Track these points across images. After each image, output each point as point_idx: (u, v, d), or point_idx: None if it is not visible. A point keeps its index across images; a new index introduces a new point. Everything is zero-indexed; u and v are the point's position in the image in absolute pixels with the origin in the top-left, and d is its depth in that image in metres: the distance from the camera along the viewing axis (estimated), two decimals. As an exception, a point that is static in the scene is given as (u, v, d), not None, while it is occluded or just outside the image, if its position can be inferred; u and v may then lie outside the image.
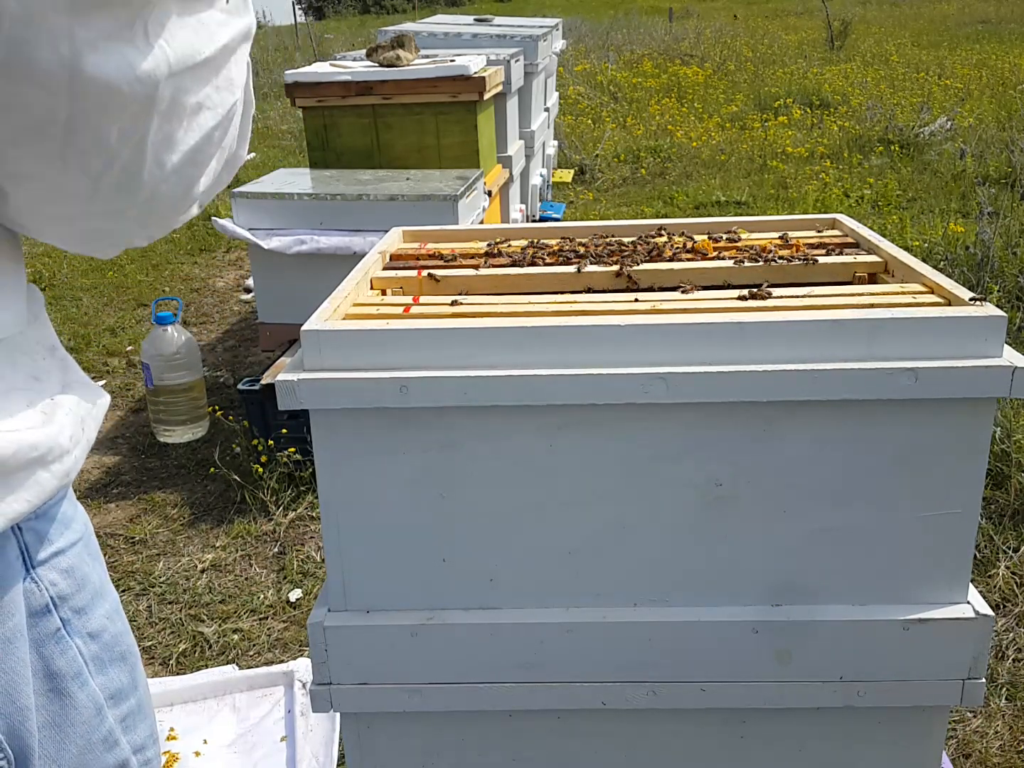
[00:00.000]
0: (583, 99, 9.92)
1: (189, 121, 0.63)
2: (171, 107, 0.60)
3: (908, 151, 7.17)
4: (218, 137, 0.67)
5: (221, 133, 0.67)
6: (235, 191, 3.11)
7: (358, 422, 1.11)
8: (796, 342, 1.07)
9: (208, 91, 0.63)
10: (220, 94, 0.65)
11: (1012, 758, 1.88)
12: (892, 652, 1.17)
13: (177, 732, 1.98)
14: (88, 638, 0.71)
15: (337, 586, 1.19)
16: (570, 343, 1.08)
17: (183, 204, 0.69)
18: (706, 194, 6.50)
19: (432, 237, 1.57)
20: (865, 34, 15.23)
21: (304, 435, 2.86)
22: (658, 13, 19.71)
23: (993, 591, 2.33)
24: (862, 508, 1.13)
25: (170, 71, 0.59)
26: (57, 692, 0.68)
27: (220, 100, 0.65)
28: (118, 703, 0.74)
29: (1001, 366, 1.05)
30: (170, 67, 0.59)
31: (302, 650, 2.25)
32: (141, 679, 0.79)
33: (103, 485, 3.08)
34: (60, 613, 0.68)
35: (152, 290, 5.00)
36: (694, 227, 1.53)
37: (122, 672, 0.75)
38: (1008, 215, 4.59)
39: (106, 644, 0.73)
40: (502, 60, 4.08)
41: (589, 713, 1.23)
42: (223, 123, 0.66)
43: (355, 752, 1.28)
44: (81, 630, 0.70)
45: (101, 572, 0.75)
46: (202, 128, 0.64)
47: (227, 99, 0.66)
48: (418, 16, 15.30)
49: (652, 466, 1.12)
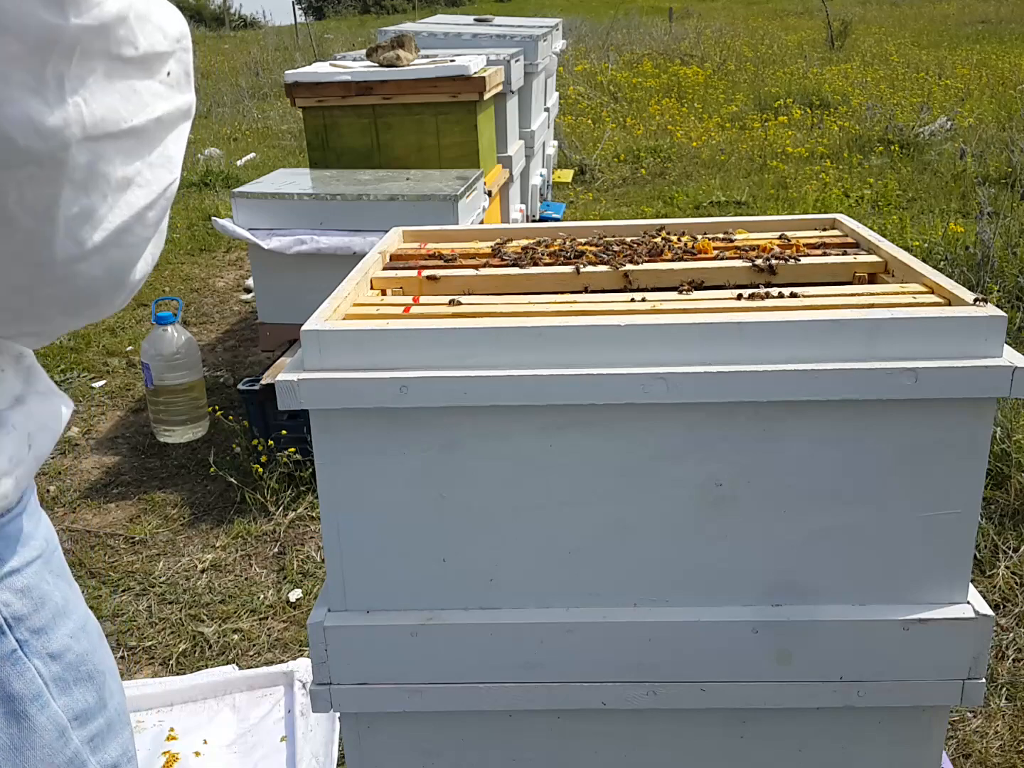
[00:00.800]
0: (583, 99, 9.92)
1: (115, 197, 0.58)
2: (89, 177, 0.55)
3: (908, 151, 7.17)
4: (152, 218, 0.62)
5: (156, 214, 0.62)
6: (235, 191, 3.11)
7: (358, 422, 1.11)
8: (796, 342, 1.07)
9: (139, 166, 0.59)
10: (154, 171, 0.60)
11: (1012, 758, 1.88)
12: (892, 652, 1.17)
13: (177, 732, 1.98)
14: (48, 659, 0.68)
15: (337, 586, 1.19)
16: (570, 343, 1.08)
17: (114, 292, 0.62)
18: (706, 194, 6.50)
19: (432, 237, 1.57)
20: (865, 34, 15.23)
21: (304, 435, 2.86)
22: (658, 13, 19.71)
23: (993, 591, 2.33)
24: (862, 508, 1.13)
25: (84, 134, 0.54)
26: (15, 715, 0.66)
27: (154, 177, 0.60)
28: (84, 724, 0.72)
29: (1001, 366, 1.05)
30: (84, 129, 0.54)
31: (302, 650, 2.25)
32: (113, 696, 0.76)
33: (103, 485, 3.08)
34: (16, 634, 0.66)
35: (152, 290, 5.00)
36: (694, 227, 1.53)
37: (88, 692, 0.72)
38: (1008, 215, 4.59)
39: (70, 664, 0.71)
40: (502, 60, 4.08)
41: (589, 713, 1.23)
42: (158, 202, 0.61)
43: (355, 752, 1.28)
44: (40, 651, 0.68)
45: (66, 589, 0.72)
46: (131, 207, 0.59)
47: (162, 177, 0.61)
48: (418, 16, 15.31)
49: (652, 466, 1.12)
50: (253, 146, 8.88)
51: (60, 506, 2.96)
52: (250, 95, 11.82)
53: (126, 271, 0.62)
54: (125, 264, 0.61)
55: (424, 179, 3.25)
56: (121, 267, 0.61)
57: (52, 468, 3.19)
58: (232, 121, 10.33)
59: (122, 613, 2.43)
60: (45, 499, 2.99)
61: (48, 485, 3.08)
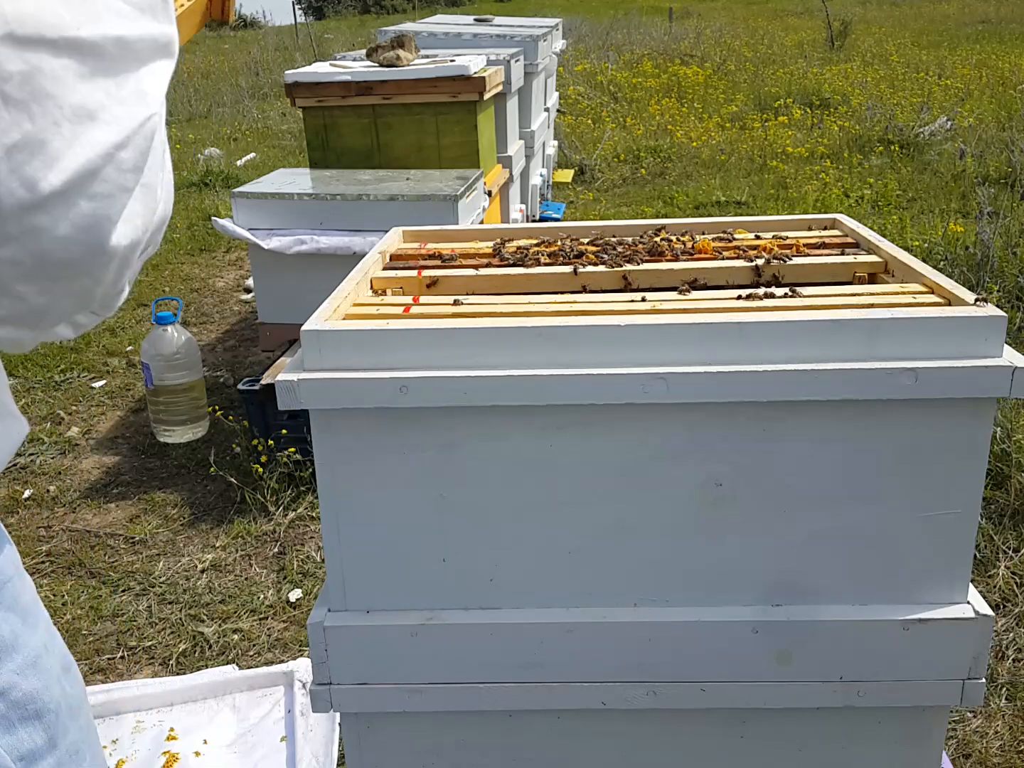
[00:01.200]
0: (583, 99, 9.92)
1: (73, 130, 0.49)
2: (29, 95, 0.47)
3: (908, 151, 7.17)
4: (128, 161, 0.52)
5: (133, 156, 0.52)
6: (235, 191, 3.11)
7: (358, 422, 1.11)
8: (796, 342, 1.07)
9: (102, 97, 0.51)
10: (125, 107, 0.52)
11: (1012, 758, 1.88)
12: (892, 652, 1.17)
13: (177, 732, 1.98)
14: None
15: (337, 586, 1.19)
16: (570, 343, 1.08)
17: (93, 259, 0.53)
18: (706, 194, 6.50)
19: (432, 237, 1.57)
20: (865, 34, 15.23)
21: (304, 435, 2.86)
22: (658, 13, 19.71)
23: (993, 591, 2.33)
24: (862, 508, 1.13)
25: (7, 29, 0.46)
26: None
27: (125, 113, 0.52)
28: (31, 763, 0.69)
29: (1001, 366, 1.05)
30: (5, 22, 0.46)
31: (302, 650, 2.25)
32: (67, 734, 0.73)
33: (103, 485, 3.08)
34: None
35: (152, 290, 5.00)
36: (694, 227, 1.53)
37: (35, 731, 0.69)
38: (1008, 215, 4.59)
39: (15, 702, 0.67)
40: (502, 60, 4.08)
41: (589, 713, 1.23)
42: (132, 140, 0.52)
43: (355, 752, 1.28)
44: None
45: (16, 623, 0.69)
46: (95, 145, 0.50)
47: (135, 112, 0.52)
48: (418, 16, 15.30)
49: (652, 466, 1.12)
50: (253, 146, 8.88)
51: (60, 506, 2.96)
52: (250, 95, 11.82)
53: (103, 231, 0.52)
54: (100, 220, 0.52)
55: (424, 179, 3.25)
56: (95, 224, 0.51)
57: (52, 468, 3.19)
58: (232, 121, 10.33)
59: (122, 613, 2.43)
60: (45, 499, 2.99)
61: (48, 485, 3.08)
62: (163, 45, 0.55)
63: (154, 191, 0.56)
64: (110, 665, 2.25)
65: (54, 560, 2.68)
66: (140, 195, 0.54)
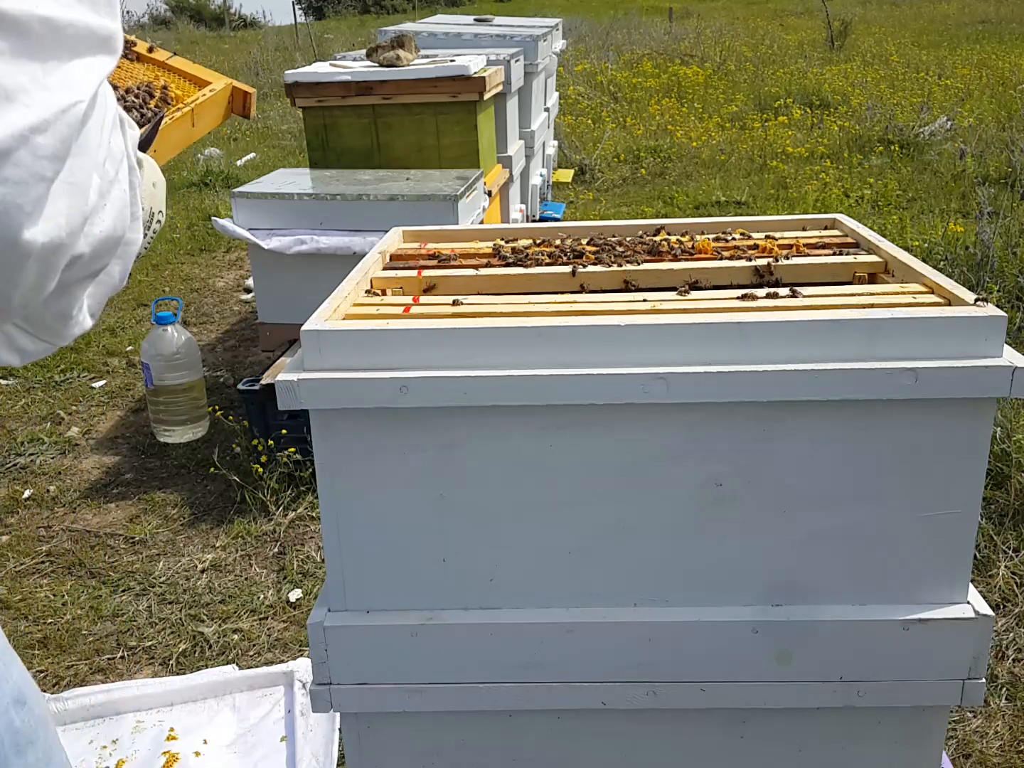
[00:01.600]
0: (583, 99, 9.92)
1: None
2: None
3: (908, 151, 7.17)
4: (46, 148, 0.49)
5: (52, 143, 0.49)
6: (235, 191, 3.11)
7: (358, 422, 1.11)
8: (796, 342, 1.07)
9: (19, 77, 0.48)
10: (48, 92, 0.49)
11: (1012, 758, 1.88)
12: (892, 652, 1.17)
13: (177, 732, 1.98)
14: None
15: (337, 586, 1.19)
16: (570, 343, 1.08)
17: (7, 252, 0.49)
18: (706, 194, 6.50)
19: (432, 237, 1.57)
20: (865, 34, 15.23)
21: (304, 435, 2.86)
22: (658, 13, 19.71)
23: (993, 591, 2.33)
24: (862, 508, 1.13)
25: None
26: None
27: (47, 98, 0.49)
28: None
29: (1001, 366, 1.05)
30: None
31: (302, 650, 2.25)
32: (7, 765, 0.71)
33: (103, 485, 3.08)
34: None
35: (152, 290, 5.00)
36: (694, 227, 1.53)
37: None
38: (1008, 215, 4.59)
39: None
40: (502, 60, 4.08)
41: (589, 713, 1.23)
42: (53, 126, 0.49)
43: (355, 752, 1.28)
44: None
45: None
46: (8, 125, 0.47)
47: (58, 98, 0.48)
48: (418, 16, 15.30)
49: (652, 466, 1.12)
50: (253, 146, 8.88)
51: (60, 506, 2.96)
52: (250, 95, 11.81)
53: (14, 220, 0.48)
54: (10, 208, 0.48)
55: (424, 179, 3.26)
56: (5, 212, 0.47)
57: (52, 468, 3.19)
58: (232, 121, 10.33)
59: (122, 613, 2.43)
60: (45, 499, 2.99)
61: (48, 485, 3.08)
62: (102, 39, 0.53)
63: (85, 193, 0.53)
64: (110, 665, 2.25)
65: (54, 560, 2.68)
66: (63, 192, 0.51)
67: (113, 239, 0.58)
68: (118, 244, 0.59)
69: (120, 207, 0.58)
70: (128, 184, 0.60)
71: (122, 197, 0.58)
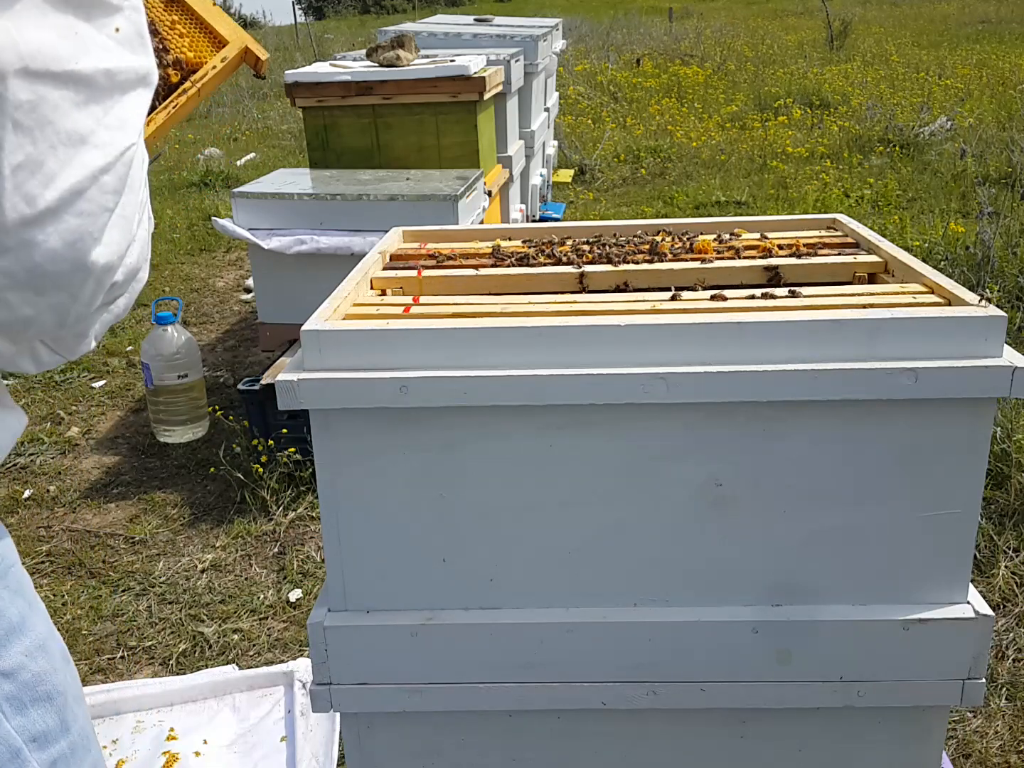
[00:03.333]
0: (583, 99, 9.92)
1: (67, 153, 0.55)
2: (35, 122, 0.53)
3: (908, 151, 7.17)
4: (110, 185, 0.58)
5: (114, 181, 0.58)
6: (235, 191, 3.11)
7: (358, 422, 1.11)
8: (796, 342, 1.07)
9: (91, 124, 0.56)
10: (110, 133, 0.58)
11: (1012, 758, 1.88)
12: (892, 652, 1.17)
13: (177, 732, 1.98)
14: (1, 677, 0.67)
15: (337, 586, 1.19)
16: (570, 343, 1.08)
17: (75, 272, 0.59)
18: (706, 194, 6.50)
19: (432, 237, 1.57)
20: (865, 34, 15.23)
21: (304, 435, 2.86)
22: (658, 13, 19.71)
23: (993, 591, 2.33)
24: (862, 508, 1.13)
25: (22, 64, 0.52)
26: None
27: (110, 139, 0.58)
28: (44, 747, 0.70)
29: (1001, 366, 1.05)
30: (20, 57, 0.52)
31: (302, 650, 2.25)
32: (76, 720, 0.74)
33: (103, 485, 3.08)
34: None
35: (152, 290, 5.00)
36: (694, 227, 1.53)
37: (48, 714, 0.70)
38: (1008, 215, 4.59)
39: (25, 684, 0.68)
40: (502, 60, 4.08)
41: (589, 713, 1.23)
42: (115, 167, 0.58)
43: (355, 752, 1.28)
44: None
45: (23, 607, 0.70)
46: (86, 167, 0.56)
47: (119, 140, 0.58)
48: (418, 16, 15.30)
49: (652, 466, 1.12)
50: (253, 146, 8.88)
51: (60, 506, 2.96)
52: (250, 95, 11.82)
53: (86, 246, 0.58)
54: (83, 237, 0.58)
55: (424, 179, 3.25)
56: (80, 239, 0.57)
57: (52, 468, 3.19)
58: (232, 121, 10.33)
59: (122, 613, 2.43)
60: (45, 499, 2.99)
61: (48, 485, 3.08)
62: (142, 76, 0.61)
63: (130, 224, 0.62)
64: (110, 665, 2.25)
65: (54, 560, 2.68)
66: (118, 223, 0.60)
67: (135, 270, 0.67)
68: (135, 276, 0.67)
69: (144, 243, 0.67)
70: (149, 222, 0.69)
71: (144, 235, 0.67)
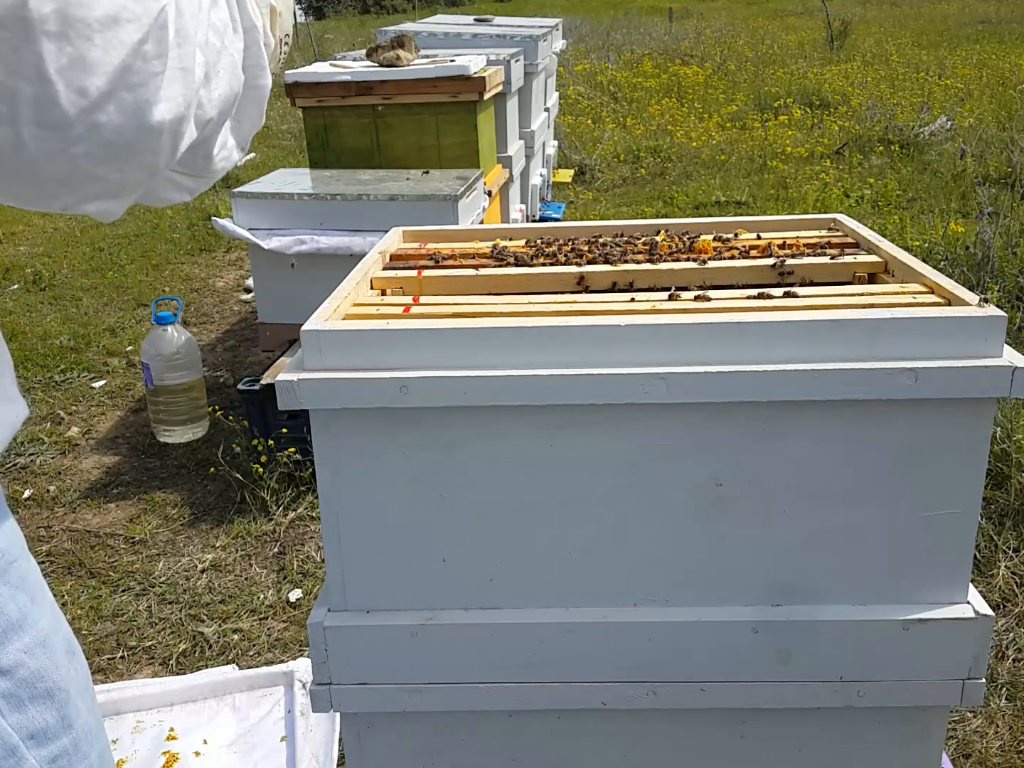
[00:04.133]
0: (583, 99, 9.92)
1: (104, 38, 0.57)
2: (64, 25, 0.56)
3: (908, 151, 7.17)
4: (153, 52, 0.60)
5: (155, 48, 0.60)
6: (235, 191, 3.11)
7: (358, 422, 1.11)
8: (796, 342, 1.07)
9: (116, 1, 0.58)
10: (138, 2, 0.59)
11: (1012, 758, 1.88)
12: (892, 652, 1.17)
13: (177, 732, 1.98)
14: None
15: (337, 586, 1.19)
16: (570, 343, 1.08)
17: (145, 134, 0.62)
18: (706, 194, 6.50)
19: (432, 237, 1.57)
20: (865, 34, 15.23)
21: (304, 435, 2.86)
22: (658, 13, 19.71)
23: (993, 591, 2.33)
24: (862, 508, 1.13)
25: None
26: None
27: (141, 9, 0.59)
28: (43, 744, 0.69)
29: (1001, 366, 1.05)
30: None
31: (302, 650, 2.25)
32: (80, 716, 0.73)
33: (103, 485, 3.08)
34: None
35: (152, 290, 5.00)
36: (694, 227, 1.53)
37: (48, 711, 0.69)
38: (1008, 215, 4.59)
39: (23, 681, 0.68)
40: (502, 60, 4.08)
41: (589, 713, 1.23)
42: (152, 37, 0.60)
43: (355, 752, 1.28)
44: None
45: (24, 603, 0.69)
46: (125, 44, 0.58)
47: (149, 7, 0.59)
48: (418, 16, 15.28)
49: (652, 466, 1.12)
50: (253, 146, 8.87)
51: (60, 506, 2.96)
52: (250, 95, 11.81)
53: (145, 112, 0.61)
54: (141, 105, 0.61)
55: (424, 179, 3.25)
56: (138, 109, 0.61)
57: (52, 468, 3.19)
58: (232, 121, 10.31)
59: (122, 613, 2.43)
60: (45, 499, 2.99)
61: (48, 485, 3.08)
62: None
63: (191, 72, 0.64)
64: (110, 665, 2.25)
65: (54, 560, 2.68)
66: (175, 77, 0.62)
67: (232, 96, 0.70)
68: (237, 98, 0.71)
69: (232, 70, 0.69)
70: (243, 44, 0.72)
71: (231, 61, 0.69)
